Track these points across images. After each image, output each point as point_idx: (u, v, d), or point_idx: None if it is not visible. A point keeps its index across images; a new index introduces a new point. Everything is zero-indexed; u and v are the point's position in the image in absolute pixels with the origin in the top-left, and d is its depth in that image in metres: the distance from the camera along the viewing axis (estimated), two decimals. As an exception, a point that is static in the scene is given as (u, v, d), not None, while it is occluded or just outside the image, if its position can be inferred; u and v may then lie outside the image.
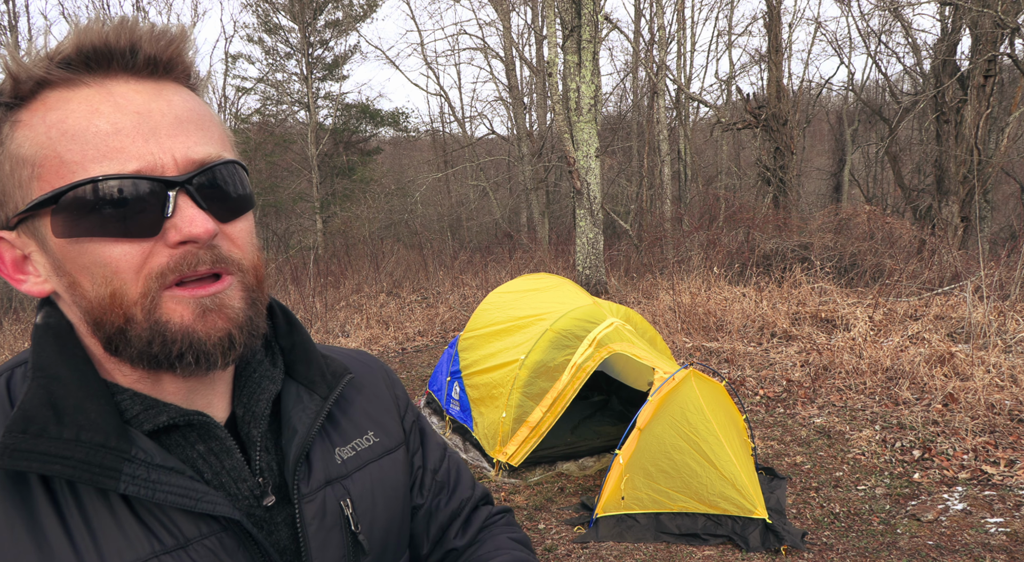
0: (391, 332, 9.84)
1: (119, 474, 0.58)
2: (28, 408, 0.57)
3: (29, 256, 0.61)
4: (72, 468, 0.56)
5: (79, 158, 0.56)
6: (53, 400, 0.58)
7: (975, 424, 4.88)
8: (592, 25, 10.05)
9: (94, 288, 0.59)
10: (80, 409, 0.58)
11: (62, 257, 0.59)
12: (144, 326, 0.59)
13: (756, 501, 3.61)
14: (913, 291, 9.08)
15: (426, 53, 36.63)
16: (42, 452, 0.56)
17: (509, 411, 4.51)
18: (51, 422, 0.57)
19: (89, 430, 0.58)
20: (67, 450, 0.57)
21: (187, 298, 0.59)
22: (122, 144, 0.57)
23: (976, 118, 12.13)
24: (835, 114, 22.14)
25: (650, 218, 16.67)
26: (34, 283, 0.62)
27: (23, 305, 15.31)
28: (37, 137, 0.57)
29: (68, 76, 0.58)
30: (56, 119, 0.57)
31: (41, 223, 0.58)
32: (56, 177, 0.56)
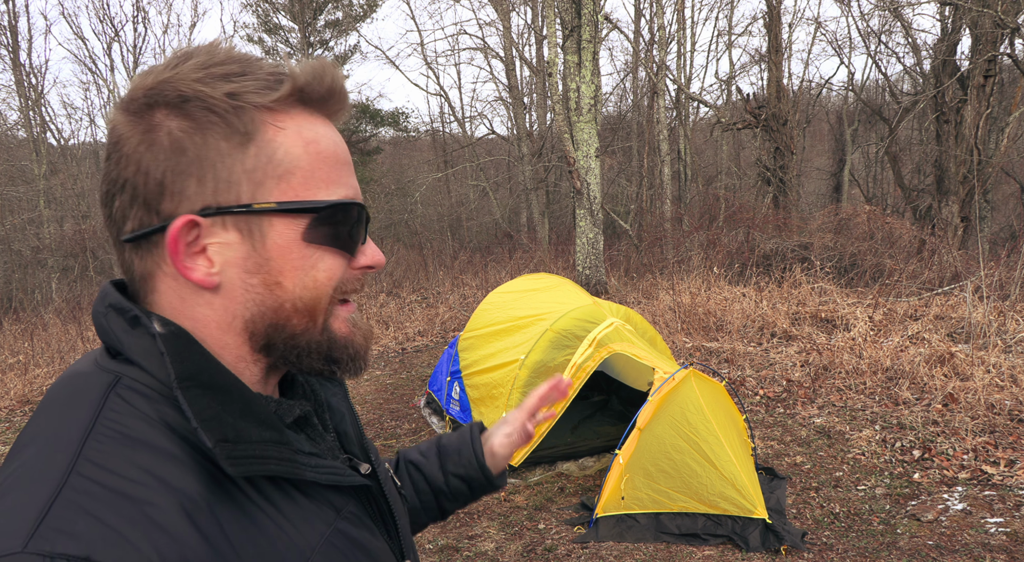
0: (391, 332, 9.84)
1: (299, 464, 0.63)
2: (209, 418, 0.58)
3: (206, 246, 0.61)
4: (278, 465, 0.61)
5: (326, 178, 0.63)
6: (223, 407, 0.59)
7: (975, 424, 4.88)
8: (592, 25, 10.05)
9: (297, 290, 0.63)
10: (249, 412, 0.61)
11: (278, 256, 0.62)
12: (319, 333, 0.65)
13: (756, 501, 3.61)
14: (913, 291, 9.08)
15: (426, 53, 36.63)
16: (254, 455, 0.59)
17: (509, 411, 4.51)
18: (240, 428, 0.59)
19: (267, 429, 0.61)
20: (266, 450, 0.60)
21: (345, 313, 0.67)
22: (346, 175, 0.66)
23: (976, 118, 12.12)
24: (835, 114, 22.14)
25: (650, 218, 16.66)
26: (205, 273, 0.61)
27: (23, 305, 15.30)
28: (292, 147, 0.62)
29: (311, 103, 0.64)
30: (311, 138, 0.63)
31: (266, 221, 0.61)
32: (304, 188, 0.62)
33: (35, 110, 20.18)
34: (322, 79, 0.64)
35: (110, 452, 0.55)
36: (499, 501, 4.34)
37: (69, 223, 20.55)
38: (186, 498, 0.55)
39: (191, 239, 0.60)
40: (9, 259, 17.67)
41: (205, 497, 0.56)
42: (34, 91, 20.32)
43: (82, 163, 24.02)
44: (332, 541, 0.64)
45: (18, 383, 7.74)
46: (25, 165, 19.76)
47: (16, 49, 19.06)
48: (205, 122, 0.59)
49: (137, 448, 0.56)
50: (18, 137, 20.99)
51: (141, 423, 0.57)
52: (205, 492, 0.56)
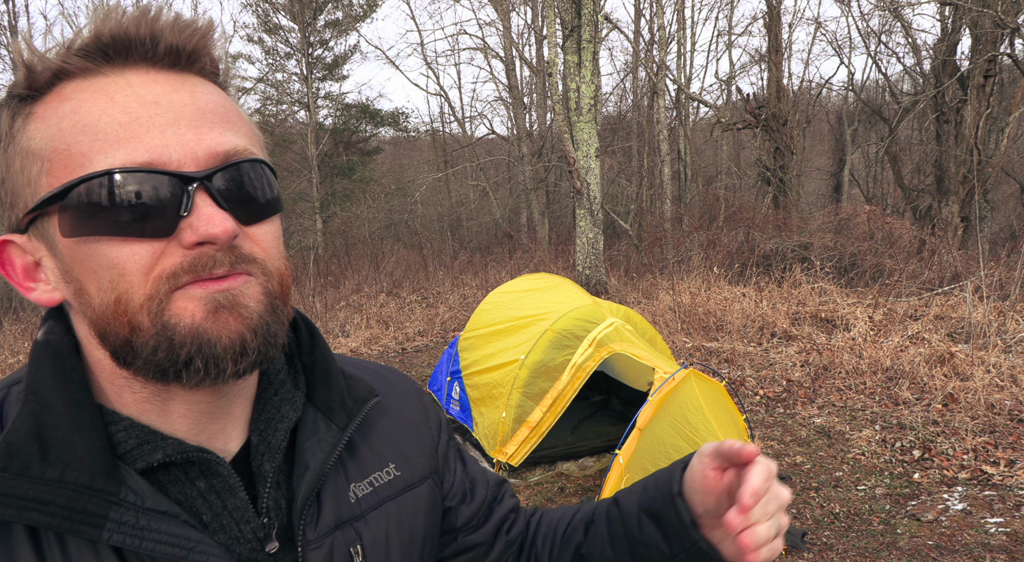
0: (391, 332, 9.85)
1: (104, 521, 0.52)
2: (12, 441, 0.52)
3: (40, 262, 0.56)
4: (51, 516, 0.50)
5: (87, 150, 0.51)
6: (41, 431, 0.52)
7: (975, 424, 4.88)
8: (592, 25, 10.05)
9: (99, 294, 0.53)
10: (68, 443, 0.52)
11: (70, 260, 0.54)
12: (151, 332, 0.53)
13: (756, 501, 3.61)
14: (913, 291, 9.08)
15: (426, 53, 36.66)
16: (19, 496, 0.50)
17: (509, 411, 4.51)
18: (35, 459, 0.51)
19: (75, 469, 0.52)
20: (48, 493, 0.51)
21: (199, 292, 0.53)
22: (135, 133, 0.52)
23: (976, 118, 12.13)
24: (835, 114, 22.14)
25: (650, 218, 16.67)
26: (44, 291, 0.56)
27: (23, 305, 15.31)
28: (49, 129, 0.53)
29: (86, 66, 0.54)
30: (69, 109, 0.52)
31: (49, 223, 0.53)
32: (64, 171, 0.52)
33: (35, 110, 20.18)
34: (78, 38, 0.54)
35: None
36: (499, 501, 4.34)
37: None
38: None
39: (30, 260, 0.56)
40: (9, 259, 17.66)
41: None
42: (34, 91, 20.32)
43: (82, 163, 24.01)
44: None
45: (18, 383, 7.74)
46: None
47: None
48: None
49: None
50: (18, 137, 20.96)
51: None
52: None
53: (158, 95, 0.54)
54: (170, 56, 0.56)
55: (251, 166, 0.57)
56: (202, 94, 0.56)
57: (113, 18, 0.54)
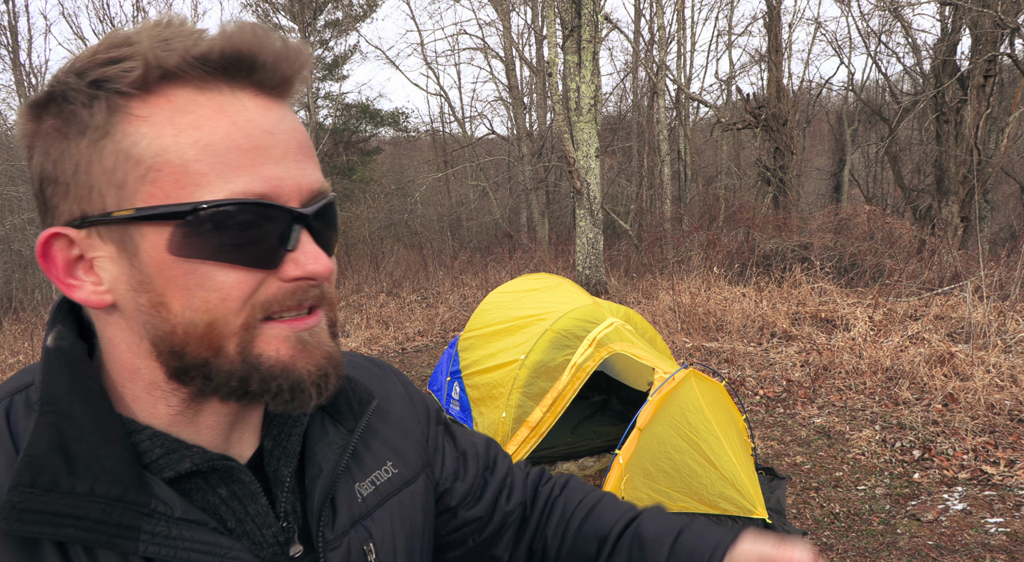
0: (391, 332, 9.85)
1: (138, 533, 0.51)
2: (36, 454, 0.50)
3: (92, 261, 0.53)
4: (86, 531, 0.50)
5: (207, 171, 0.50)
6: (64, 443, 0.51)
7: (975, 424, 4.88)
8: (592, 25, 10.05)
9: (187, 313, 0.52)
10: (94, 455, 0.51)
11: (157, 273, 0.51)
12: (236, 361, 0.53)
13: (756, 501, 3.61)
14: (913, 291, 9.08)
15: (426, 53, 36.66)
16: (53, 512, 0.49)
17: (509, 411, 4.51)
18: (63, 473, 0.50)
19: (105, 481, 0.51)
20: (81, 508, 0.50)
21: (285, 331, 0.54)
22: (255, 162, 0.51)
23: (976, 118, 12.13)
24: (835, 114, 22.14)
25: (650, 218, 16.67)
26: (92, 291, 0.53)
27: (23, 305, 15.31)
28: (160, 138, 0.50)
29: (204, 77, 0.51)
30: (188, 123, 0.50)
31: (136, 231, 0.51)
32: (176, 187, 0.50)
33: (35, 110, 20.19)
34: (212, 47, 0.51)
35: None
36: (499, 501, 4.34)
37: (69, 223, 20.56)
38: None
39: (75, 254, 0.53)
40: (9, 259, 17.68)
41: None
42: (34, 91, 20.27)
43: (82, 163, 24.04)
44: None
45: (18, 383, 7.74)
46: (25, 165, 19.76)
47: (16, 49, 19.09)
48: (67, 118, 0.51)
49: None
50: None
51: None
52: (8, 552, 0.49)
53: (272, 124, 0.53)
54: (281, 85, 0.55)
55: (333, 204, 0.59)
56: (299, 126, 0.57)
57: (244, 35, 0.52)
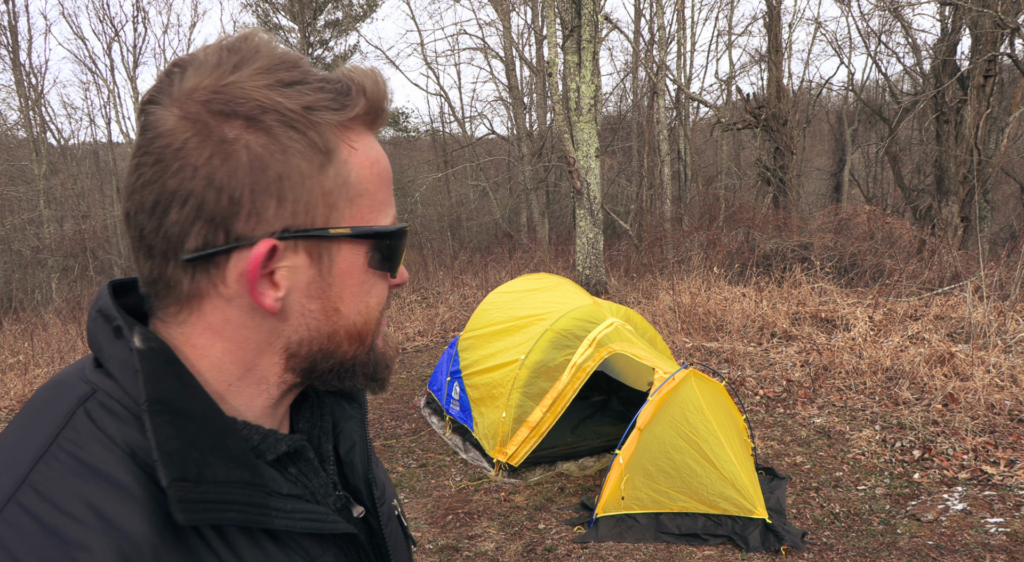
0: (391, 332, 9.84)
1: (270, 510, 0.57)
2: (172, 451, 0.52)
3: (274, 270, 0.57)
4: (240, 513, 0.54)
5: (384, 201, 0.61)
6: (191, 438, 0.53)
7: (975, 424, 4.88)
8: (592, 25, 10.05)
9: (352, 316, 0.61)
10: (221, 446, 0.55)
11: (340, 282, 0.60)
12: (367, 354, 0.64)
13: (756, 501, 3.61)
14: (913, 291, 9.08)
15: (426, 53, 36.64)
16: (212, 500, 0.53)
17: (509, 411, 4.51)
18: (202, 464, 0.53)
19: (236, 468, 0.55)
20: (229, 494, 0.54)
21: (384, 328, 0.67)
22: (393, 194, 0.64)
23: (976, 118, 12.13)
24: (835, 114, 22.14)
25: (650, 218, 16.66)
26: (274, 299, 0.57)
27: (23, 305, 15.31)
28: (362, 169, 0.59)
29: (370, 121, 0.61)
30: (372, 158, 0.60)
31: (335, 246, 0.59)
32: (369, 212, 0.60)
33: (35, 110, 20.19)
34: (382, 92, 0.60)
35: (57, 481, 0.50)
36: (499, 501, 4.34)
37: (69, 223, 20.57)
38: (129, 543, 0.49)
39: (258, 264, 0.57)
40: (9, 259, 17.68)
41: (152, 543, 0.50)
42: (34, 91, 20.33)
43: (82, 163, 24.04)
44: None
45: (18, 383, 7.74)
46: (25, 165, 19.77)
47: (16, 49, 19.07)
48: (285, 139, 0.55)
49: (88, 479, 0.50)
50: (18, 137, 21.00)
51: (100, 448, 0.52)
52: (154, 537, 0.50)
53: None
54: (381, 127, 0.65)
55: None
56: None
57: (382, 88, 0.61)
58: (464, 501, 4.37)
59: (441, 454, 5.14)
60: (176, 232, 0.54)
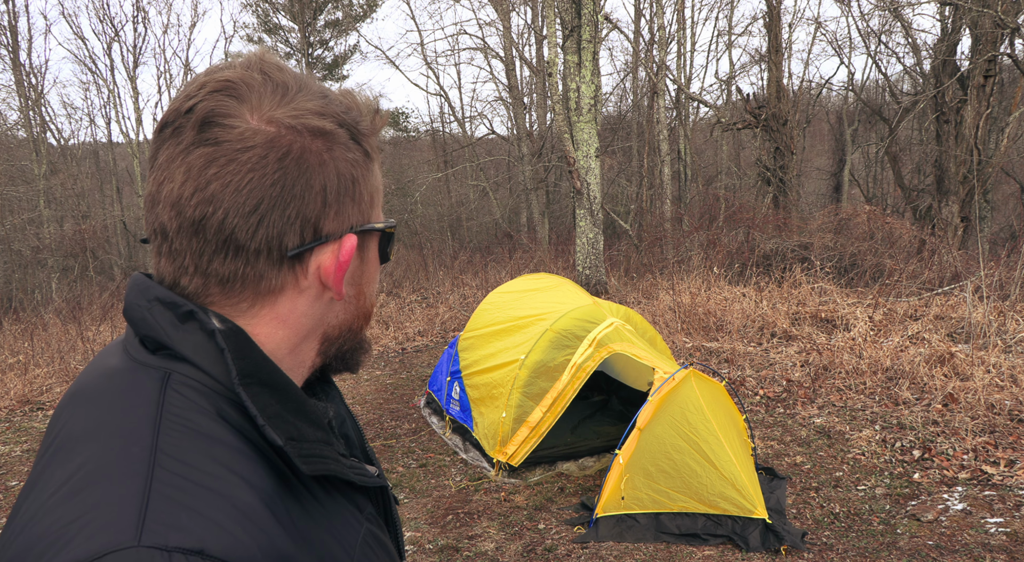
0: (391, 332, 9.84)
1: (343, 465, 0.65)
2: (273, 416, 0.60)
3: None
4: (334, 464, 0.64)
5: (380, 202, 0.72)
6: (281, 405, 0.61)
7: (975, 424, 4.88)
8: (592, 25, 10.05)
9: (370, 299, 0.73)
10: (302, 412, 0.63)
11: (368, 271, 0.72)
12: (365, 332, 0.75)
13: (756, 501, 3.61)
14: (913, 291, 9.08)
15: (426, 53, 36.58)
16: (317, 455, 0.62)
17: (509, 411, 4.51)
18: (299, 427, 0.61)
19: (317, 428, 0.64)
20: (322, 449, 0.63)
21: None
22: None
23: (976, 118, 12.13)
24: (835, 114, 22.14)
25: (650, 218, 16.66)
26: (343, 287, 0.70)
27: (23, 305, 15.31)
28: (376, 175, 0.70)
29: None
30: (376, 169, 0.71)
31: (371, 239, 0.71)
32: (378, 211, 0.71)
33: (35, 110, 20.20)
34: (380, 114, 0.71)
35: (185, 446, 0.55)
36: (499, 501, 4.34)
37: (69, 223, 20.55)
38: (263, 492, 0.56)
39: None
40: (9, 259, 17.68)
41: (278, 491, 0.57)
42: (34, 91, 20.33)
43: (82, 163, 24.02)
44: (367, 540, 0.67)
45: (18, 383, 7.73)
46: (25, 165, 19.77)
47: (16, 49, 19.07)
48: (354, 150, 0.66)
49: (210, 443, 0.56)
50: (18, 137, 20.99)
51: (204, 418, 0.57)
52: (275, 487, 0.58)
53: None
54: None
55: None
56: None
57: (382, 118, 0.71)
58: (464, 501, 4.37)
59: (441, 454, 5.14)
60: (276, 232, 0.61)
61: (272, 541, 0.53)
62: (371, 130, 0.69)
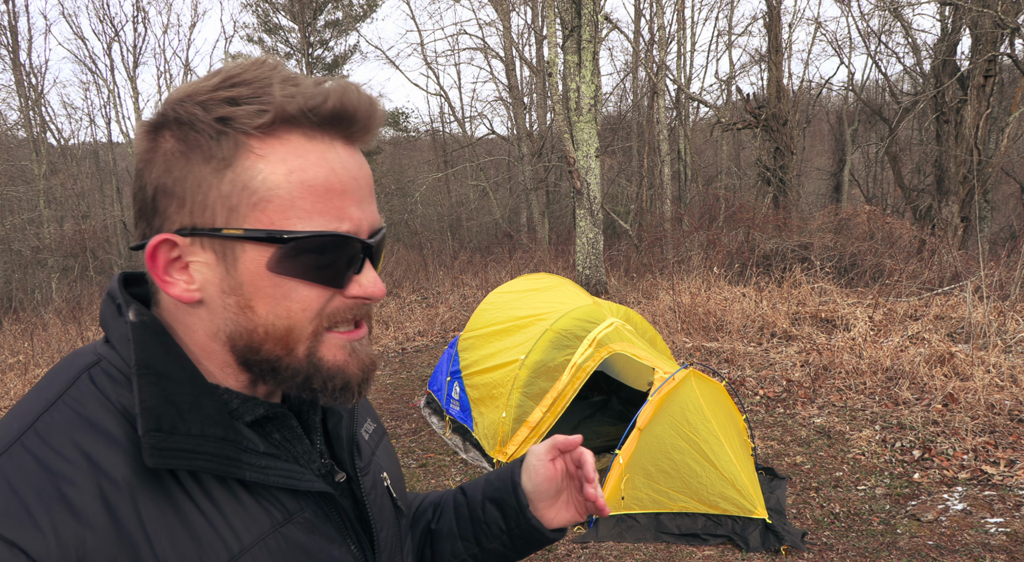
0: (391, 332, 9.84)
1: (241, 463, 0.64)
2: (151, 406, 0.60)
3: (189, 264, 0.64)
4: (208, 461, 0.61)
5: (309, 208, 0.62)
6: (170, 397, 0.61)
7: (975, 424, 4.88)
8: (592, 25, 10.05)
9: (270, 317, 0.63)
10: (197, 405, 0.63)
11: (249, 282, 0.63)
12: (303, 362, 0.65)
13: (756, 501, 3.61)
14: (913, 291, 9.08)
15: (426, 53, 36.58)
16: (182, 448, 0.60)
17: (509, 411, 4.51)
18: (178, 419, 0.61)
19: (211, 425, 0.63)
20: (200, 445, 0.61)
21: (343, 341, 0.67)
22: (343, 206, 0.63)
23: (976, 118, 12.12)
24: (835, 114, 22.14)
25: (650, 218, 16.66)
26: (184, 289, 0.64)
27: (23, 305, 15.31)
28: (275, 176, 0.61)
29: (312, 126, 0.63)
30: (297, 166, 0.61)
31: (239, 247, 0.62)
32: (281, 217, 0.61)
33: (35, 110, 20.19)
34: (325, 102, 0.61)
35: (57, 427, 0.59)
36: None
37: (69, 223, 20.55)
38: (109, 481, 0.57)
39: (174, 256, 0.64)
40: (9, 259, 17.68)
41: (130, 482, 0.58)
42: (34, 91, 20.33)
43: (82, 163, 24.01)
44: (268, 544, 0.64)
45: (18, 383, 7.73)
46: (25, 165, 19.77)
47: (16, 49, 19.07)
48: (192, 145, 0.61)
49: (83, 428, 0.59)
50: (18, 137, 21.00)
51: (96, 405, 0.61)
52: (132, 477, 0.59)
53: (355, 170, 0.65)
54: (366, 137, 0.67)
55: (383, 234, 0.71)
56: (369, 169, 0.69)
57: (351, 95, 0.63)
58: (464, 501, 4.37)
59: (441, 454, 5.14)
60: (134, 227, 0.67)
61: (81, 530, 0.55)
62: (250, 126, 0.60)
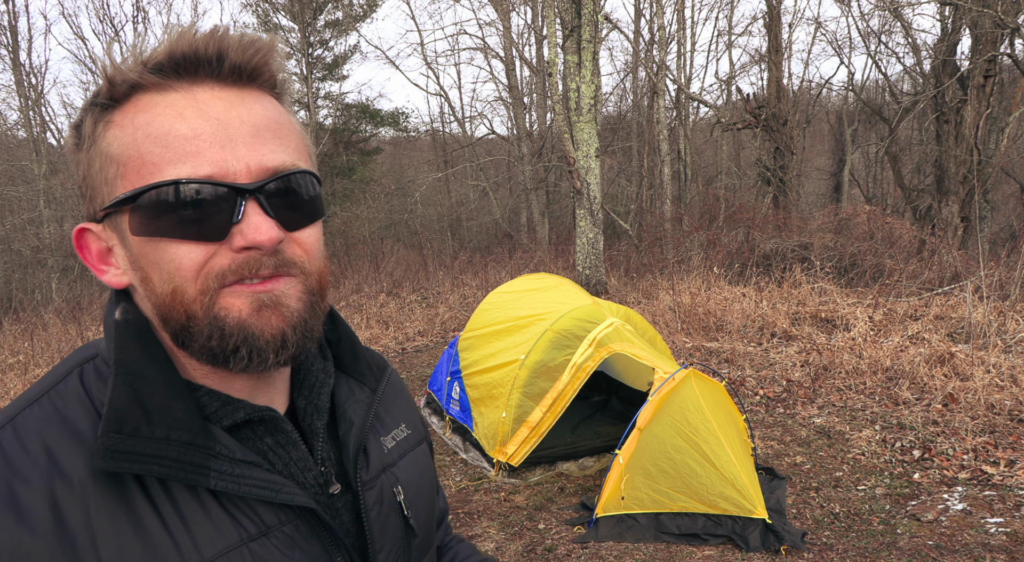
0: (391, 332, 9.84)
1: (208, 471, 0.61)
2: (118, 407, 0.59)
3: (111, 249, 0.65)
4: (167, 467, 0.59)
5: (158, 160, 0.59)
6: (140, 398, 0.60)
7: (975, 424, 4.88)
8: (592, 25, 10.05)
9: (160, 284, 0.61)
10: (167, 408, 0.61)
11: (138, 253, 0.62)
12: (204, 322, 0.61)
13: (756, 501, 3.61)
14: (913, 291, 9.08)
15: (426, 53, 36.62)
16: (139, 452, 0.58)
17: (509, 411, 4.51)
18: (143, 422, 0.59)
19: (178, 429, 0.60)
20: (161, 449, 0.59)
21: (244, 292, 0.61)
22: (199, 149, 0.59)
23: (976, 118, 12.12)
24: (835, 114, 22.14)
25: (650, 218, 16.66)
26: (114, 274, 0.65)
27: (23, 305, 15.30)
28: (125, 137, 0.60)
29: (159, 81, 0.61)
30: (143, 121, 0.60)
31: (122, 219, 0.61)
32: (137, 177, 0.59)
33: (35, 110, 20.20)
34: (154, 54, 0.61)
35: (33, 423, 0.60)
36: (499, 501, 4.34)
37: (69, 223, 20.54)
38: (64, 481, 0.57)
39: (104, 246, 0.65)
40: (9, 259, 17.67)
41: (85, 484, 0.57)
42: (34, 91, 20.33)
43: (82, 163, 24.00)
44: (232, 558, 0.61)
45: (18, 383, 7.73)
46: (25, 165, 19.77)
47: (16, 49, 19.06)
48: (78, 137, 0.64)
49: (55, 425, 0.60)
50: (18, 137, 21.00)
51: (76, 403, 0.61)
52: (88, 479, 0.58)
53: (219, 112, 0.61)
54: (234, 74, 0.63)
55: (298, 177, 0.65)
56: (258, 111, 0.63)
57: (186, 38, 0.61)
58: (464, 501, 4.37)
59: (441, 454, 5.14)
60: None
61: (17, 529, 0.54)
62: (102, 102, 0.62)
